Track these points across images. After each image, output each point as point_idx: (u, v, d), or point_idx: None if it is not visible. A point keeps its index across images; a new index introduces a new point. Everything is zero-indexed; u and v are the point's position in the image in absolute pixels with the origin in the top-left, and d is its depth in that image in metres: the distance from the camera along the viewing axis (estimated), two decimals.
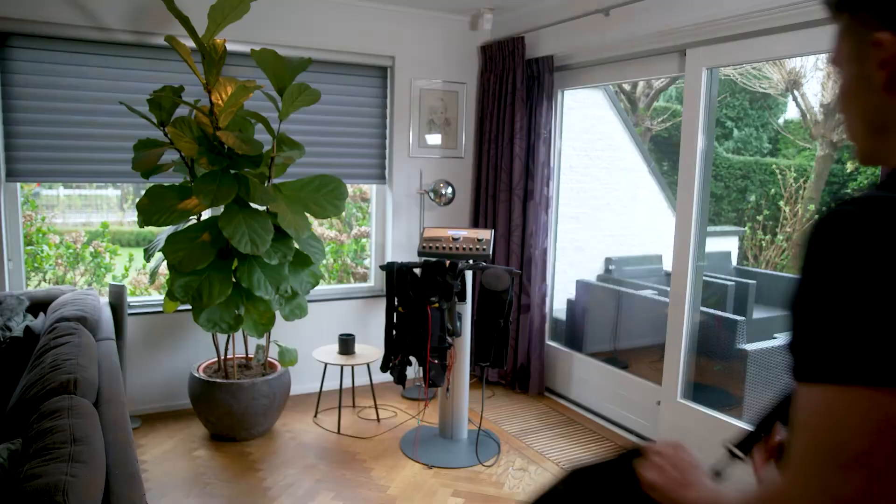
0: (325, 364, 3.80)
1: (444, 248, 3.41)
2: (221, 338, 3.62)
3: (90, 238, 5.31)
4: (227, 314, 3.26)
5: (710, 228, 7.08)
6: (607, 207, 6.33)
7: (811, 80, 6.98)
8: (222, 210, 3.17)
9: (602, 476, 0.92)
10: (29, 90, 3.40)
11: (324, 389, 4.07)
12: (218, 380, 3.40)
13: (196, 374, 3.47)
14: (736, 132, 8.92)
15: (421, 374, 3.33)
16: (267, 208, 3.32)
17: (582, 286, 4.83)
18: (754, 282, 5.35)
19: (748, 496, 0.70)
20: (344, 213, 4.00)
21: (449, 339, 3.25)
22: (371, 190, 4.59)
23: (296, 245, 3.40)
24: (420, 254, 3.50)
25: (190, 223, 3.31)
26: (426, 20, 4.32)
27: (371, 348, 3.98)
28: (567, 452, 3.49)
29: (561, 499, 0.95)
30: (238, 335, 3.79)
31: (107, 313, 3.16)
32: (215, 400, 3.37)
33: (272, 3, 3.81)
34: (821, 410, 0.60)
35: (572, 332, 4.69)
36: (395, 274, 3.30)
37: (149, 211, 3.09)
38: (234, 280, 3.28)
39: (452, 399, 3.50)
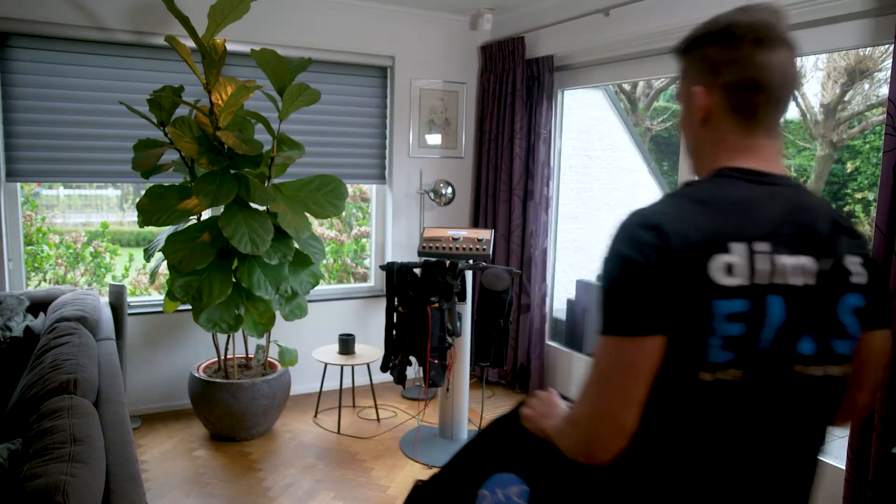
0: (325, 364, 3.80)
1: (444, 248, 3.41)
2: (221, 338, 3.62)
3: (90, 238, 5.31)
4: (227, 314, 3.26)
5: None
6: (607, 207, 6.33)
7: (811, 80, 6.98)
8: (222, 210, 3.17)
9: (510, 420, 1.24)
10: (29, 90, 3.41)
11: (324, 389, 4.07)
12: (218, 380, 3.40)
13: (196, 374, 3.47)
14: None
15: (421, 374, 3.33)
16: (267, 208, 3.32)
17: (582, 286, 4.83)
18: None
19: (565, 416, 1.03)
20: (344, 213, 4.00)
21: (449, 339, 3.25)
22: (371, 190, 4.59)
23: (296, 245, 3.40)
24: (420, 254, 3.50)
25: (190, 223, 3.32)
26: (426, 20, 4.32)
27: (371, 348, 3.98)
28: None
29: (482, 440, 1.28)
30: (238, 335, 3.79)
31: (107, 313, 3.16)
32: (215, 400, 3.37)
33: (272, 3, 3.81)
34: (594, 352, 0.94)
35: (572, 332, 4.69)
36: (396, 274, 3.30)
37: (149, 211, 3.09)
38: (234, 280, 3.28)
39: (452, 399, 3.50)
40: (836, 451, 3.42)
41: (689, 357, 0.89)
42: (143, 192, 3.15)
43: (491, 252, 3.35)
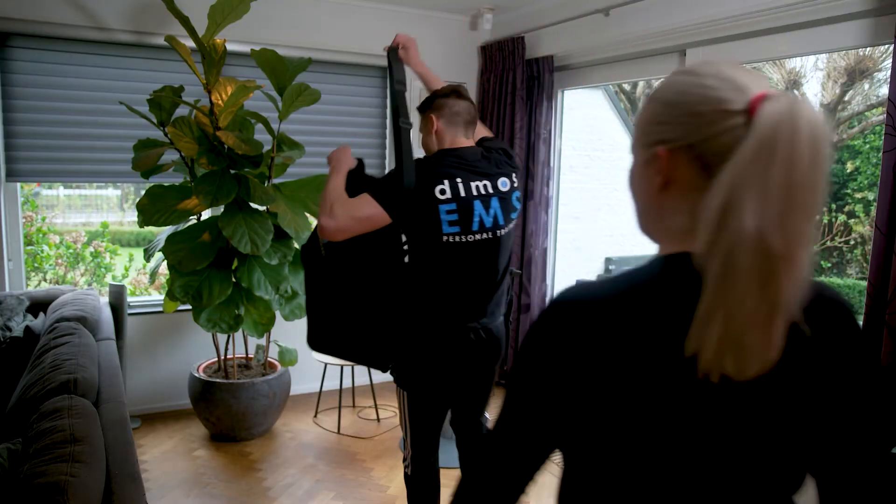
0: (325, 364, 3.80)
1: None
2: (221, 338, 3.62)
3: (90, 238, 5.32)
4: (227, 314, 3.26)
5: None
6: (607, 207, 6.33)
7: (811, 80, 6.98)
8: (222, 210, 3.17)
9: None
10: (29, 90, 3.40)
11: (324, 389, 4.07)
12: (218, 380, 3.40)
13: (196, 374, 3.47)
14: None
15: None
16: (267, 208, 3.32)
17: None
18: None
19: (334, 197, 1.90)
20: None
21: None
22: None
23: (296, 245, 3.40)
24: None
25: (190, 223, 3.32)
26: (426, 20, 4.32)
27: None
28: None
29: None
30: (238, 335, 3.79)
31: (107, 313, 3.16)
32: (215, 400, 3.37)
33: (272, 3, 3.81)
34: (362, 195, 1.90)
35: None
36: None
37: (149, 211, 3.09)
38: (234, 280, 3.28)
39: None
40: None
41: (433, 231, 1.90)
42: (143, 192, 3.15)
43: None
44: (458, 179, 1.90)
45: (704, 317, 0.66)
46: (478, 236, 1.95)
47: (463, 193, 1.90)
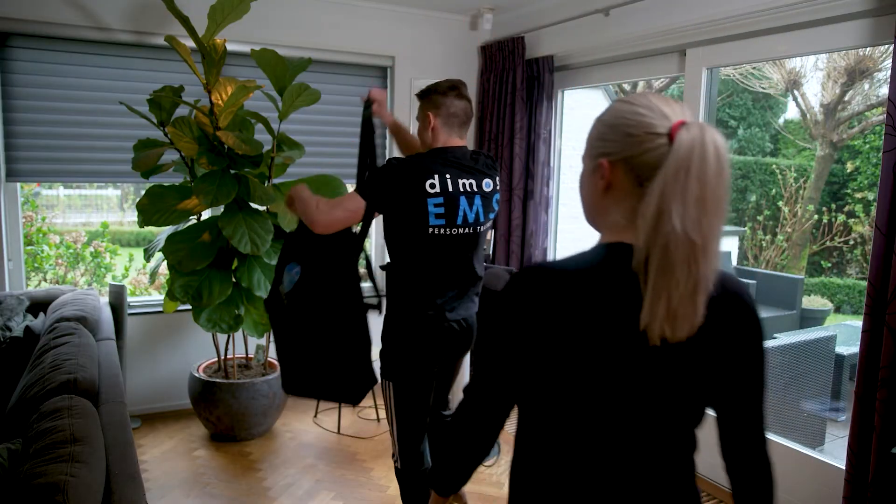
0: None
1: None
2: (221, 338, 3.62)
3: (90, 238, 5.32)
4: (227, 314, 3.26)
5: None
6: None
7: (811, 80, 6.98)
8: (222, 210, 3.17)
9: (295, 233, 2.25)
10: (29, 90, 3.41)
11: None
12: (218, 380, 3.40)
13: (196, 374, 3.47)
14: (741, 131, 8.92)
15: None
16: (267, 208, 3.32)
17: None
18: (754, 282, 5.36)
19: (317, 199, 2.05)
20: None
21: None
22: None
23: None
24: None
25: (190, 223, 3.31)
26: (426, 20, 4.32)
27: (372, 348, 3.97)
28: None
29: (284, 248, 2.25)
30: (238, 335, 3.79)
31: (107, 313, 3.16)
32: (215, 400, 3.37)
33: (272, 3, 3.81)
34: (349, 194, 2.06)
35: None
36: None
37: (149, 211, 3.09)
38: (234, 280, 3.28)
39: (452, 399, 3.50)
40: (836, 451, 3.42)
41: (420, 223, 2.02)
42: (143, 192, 3.15)
43: (491, 252, 3.35)
44: (448, 175, 2.05)
45: (653, 295, 0.88)
46: (460, 230, 2.09)
47: (451, 189, 2.04)
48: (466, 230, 2.11)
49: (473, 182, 2.11)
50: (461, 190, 2.07)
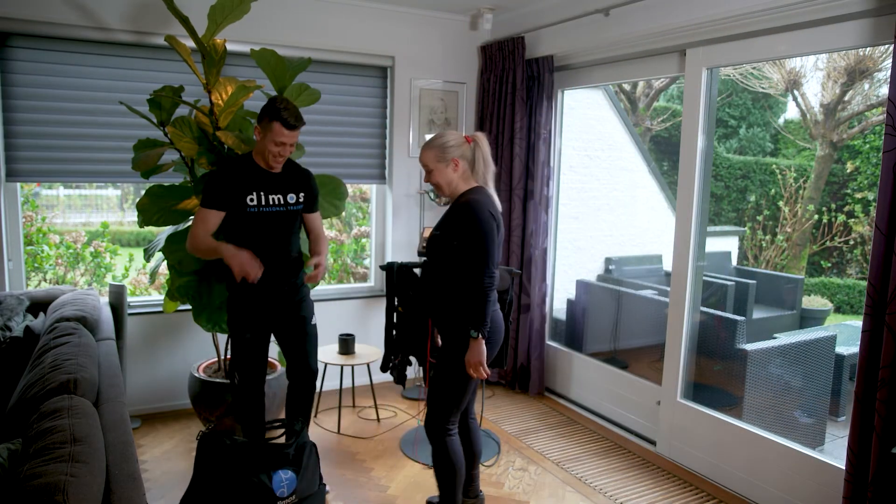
0: (325, 364, 3.80)
1: None
2: (221, 338, 3.62)
3: (90, 238, 5.31)
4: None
5: (710, 228, 7.07)
6: (607, 207, 6.33)
7: (811, 80, 6.98)
8: None
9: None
10: (29, 90, 3.41)
11: (324, 389, 4.07)
12: (218, 380, 3.40)
13: (196, 374, 3.47)
14: (742, 131, 8.92)
15: (421, 374, 3.33)
16: None
17: (582, 286, 4.83)
18: (754, 282, 5.35)
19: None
20: (344, 213, 4.00)
21: None
22: (371, 190, 4.59)
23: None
24: (420, 254, 3.49)
25: (190, 223, 3.31)
26: (426, 20, 4.32)
27: (371, 348, 3.98)
28: (567, 452, 3.49)
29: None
30: None
31: (107, 313, 3.16)
32: (215, 400, 3.37)
33: (272, 3, 3.81)
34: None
35: (572, 332, 4.69)
36: (395, 274, 3.30)
37: (149, 211, 3.09)
38: None
39: None
40: (836, 451, 3.42)
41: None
42: (143, 192, 3.15)
43: None
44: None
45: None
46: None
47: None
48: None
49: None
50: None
